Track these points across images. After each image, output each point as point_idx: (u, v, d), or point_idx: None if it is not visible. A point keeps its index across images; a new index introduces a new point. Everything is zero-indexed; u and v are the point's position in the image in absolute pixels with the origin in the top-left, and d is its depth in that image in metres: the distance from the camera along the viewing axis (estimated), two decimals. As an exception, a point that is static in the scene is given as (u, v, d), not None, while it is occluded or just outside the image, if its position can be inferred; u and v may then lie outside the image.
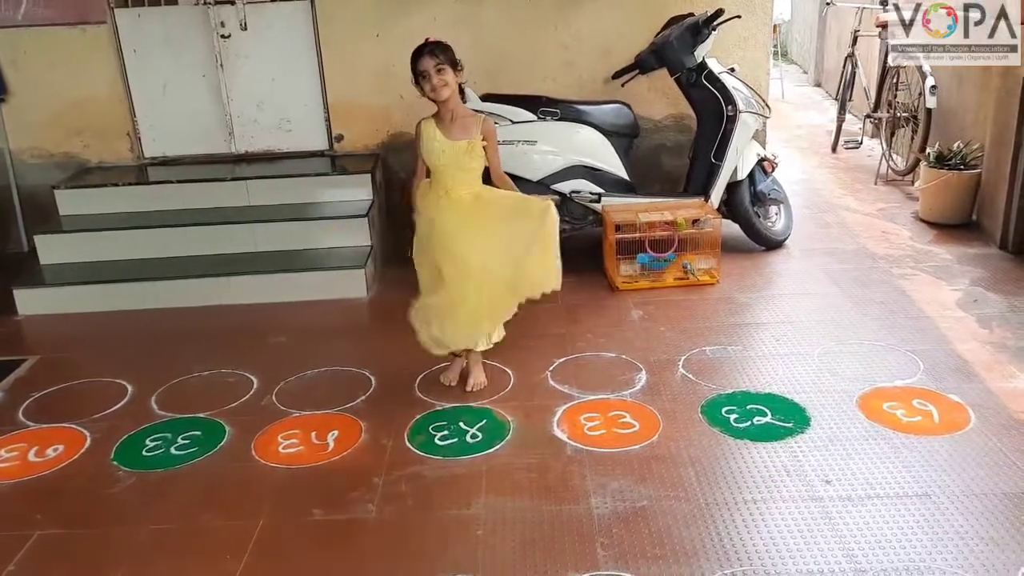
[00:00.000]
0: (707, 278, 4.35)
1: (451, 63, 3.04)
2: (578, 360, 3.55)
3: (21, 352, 3.89)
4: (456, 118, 3.13)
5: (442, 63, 3.02)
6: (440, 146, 3.10)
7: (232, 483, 2.79)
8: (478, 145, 3.11)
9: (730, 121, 4.54)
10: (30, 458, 2.96)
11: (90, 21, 5.03)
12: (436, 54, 3.02)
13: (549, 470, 2.77)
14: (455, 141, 3.09)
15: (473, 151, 3.10)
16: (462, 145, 3.09)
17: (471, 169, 3.14)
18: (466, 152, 3.09)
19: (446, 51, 3.05)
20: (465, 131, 3.11)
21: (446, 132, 3.11)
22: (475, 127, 3.12)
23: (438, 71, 3.02)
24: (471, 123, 3.13)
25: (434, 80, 3.03)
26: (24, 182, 5.31)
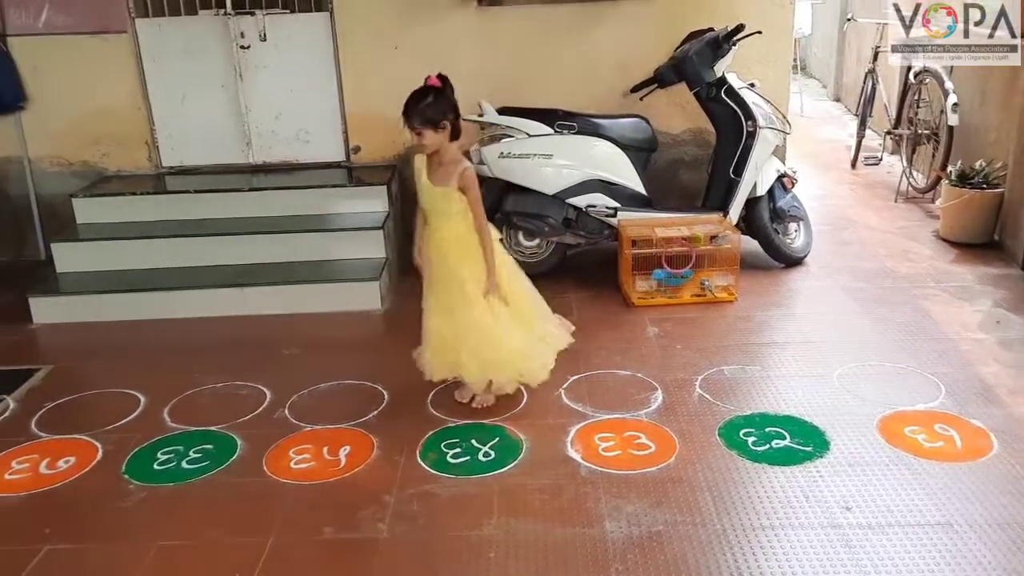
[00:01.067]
0: (725, 295, 4.30)
1: (428, 124, 3.05)
2: (593, 377, 3.52)
3: (35, 361, 3.89)
4: (443, 163, 3.14)
5: (417, 127, 3.06)
6: (425, 187, 3.16)
7: (243, 499, 2.77)
8: (455, 194, 3.12)
9: (750, 136, 4.50)
10: (41, 470, 2.96)
11: (111, 30, 5.05)
12: (412, 119, 3.05)
13: (563, 491, 2.73)
14: (435, 186, 3.13)
15: (449, 199, 3.12)
16: (438, 192, 3.12)
17: (451, 213, 3.15)
18: (442, 198, 3.13)
19: (423, 113, 3.05)
20: (446, 178, 3.12)
21: (431, 175, 3.15)
22: (455, 176, 3.11)
23: (416, 134, 3.08)
24: (452, 171, 3.13)
25: (414, 140, 3.11)
26: (42, 190, 5.33)
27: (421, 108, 3.06)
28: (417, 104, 3.05)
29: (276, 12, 5.07)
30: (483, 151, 4.56)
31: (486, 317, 3.17)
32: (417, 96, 3.08)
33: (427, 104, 3.05)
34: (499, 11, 5.07)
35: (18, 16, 5.00)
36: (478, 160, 4.58)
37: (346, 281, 4.43)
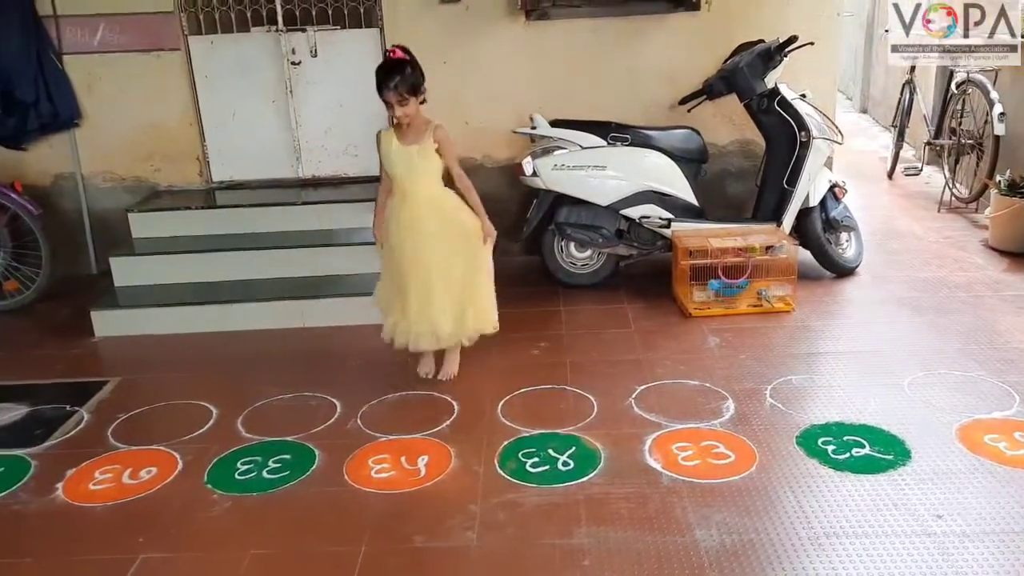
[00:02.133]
0: (782, 305, 4.30)
1: (413, 91, 3.19)
2: (661, 387, 3.52)
3: (102, 374, 3.93)
4: (412, 127, 3.29)
5: (404, 95, 3.16)
6: (395, 152, 3.29)
7: (329, 508, 2.78)
8: (429, 148, 3.27)
9: (803, 147, 4.52)
10: (125, 480, 2.98)
11: (164, 48, 5.13)
12: (397, 88, 3.14)
13: (648, 500, 2.73)
14: (408, 146, 3.27)
15: (423, 153, 3.27)
16: (412, 149, 3.27)
17: (425, 171, 3.30)
18: (417, 155, 3.26)
19: (407, 81, 3.16)
20: (418, 136, 3.28)
21: (401, 138, 3.29)
22: (428, 133, 3.28)
23: (401, 103, 3.18)
24: (424, 129, 3.30)
25: (397, 112, 3.21)
26: (95, 205, 5.40)
27: (406, 76, 3.17)
28: (400, 74, 3.15)
29: (327, 28, 5.13)
30: (536, 163, 4.59)
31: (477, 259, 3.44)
32: (394, 67, 3.17)
33: (410, 72, 3.17)
34: (547, 25, 5.12)
35: (74, 35, 5.08)
36: (531, 172, 4.62)
37: (402, 293, 4.44)
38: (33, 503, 2.87)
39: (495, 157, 5.36)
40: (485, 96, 5.22)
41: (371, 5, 5.10)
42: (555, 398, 3.48)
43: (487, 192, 5.33)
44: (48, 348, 4.29)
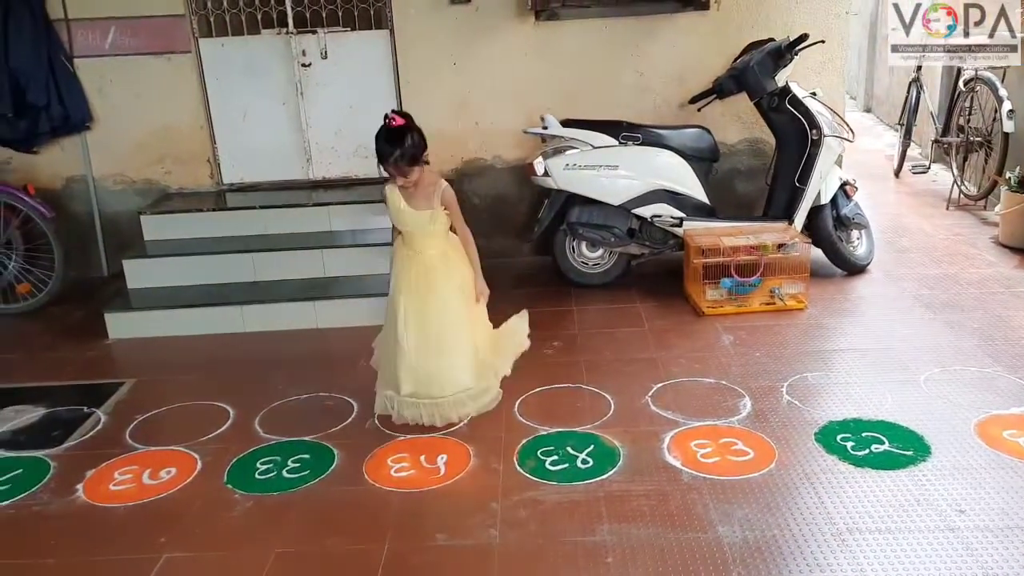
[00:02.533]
0: (794, 303, 4.30)
1: (415, 161, 3.12)
2: (677, 385, 3.52)
3: (117, 375, 3.94)
4: (419, 187, 3.21)
5: (407, 167, 3.11)
6: (405, 215, 3.22)
7: (350, 507, 2.79)
8: (440, 213, 3.24)
9: (814, 145, 4.52)
10: (145, 481, 2.98)
11: (175, 51, 5.14)
12: (400, 161, 3.08)
13: (668, 497, 2.73)
14: (418, 211, 3.21)
15: (435, 219, 3.24)
16: (425, 215, 3.21)
17: (435, 233, 3.27)
18: (429, 221, 3.22)
19: (407, 152, 3.07)
20: (427, 200, 3.22)
21: (410, 200, 3.23)
22: (436, 195, 3.22)
23: (405, 175, 3.13)
24: (432, 192, 3.23)
25: (401, 181, 3.16)
26: (105, 208, 5.41)
27: (407, 149, 3.09)
28: (402, 146, 3.08)
29: (337, 30, 5.14)
30: (548, 163, 4.60)
31: (462, 317, 3.29)
32: (395, 138, 3.08)
33: (411, 144, 3.10)
34: (556, 25, 5.12)
35: (85, 38, 5.09)
36: (542, 172, 4.62)
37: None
38: (54, 504, 2.87)
39: (505, 157, 5.36)
40: (495, 96, 5.23)
41: (381, 7, 5.11)
42: (571, 397, 3.49)
43: (497, 193, 5.39)
44: (62, 350, 4.29)
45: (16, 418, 3.52)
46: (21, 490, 2.96)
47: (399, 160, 3.08)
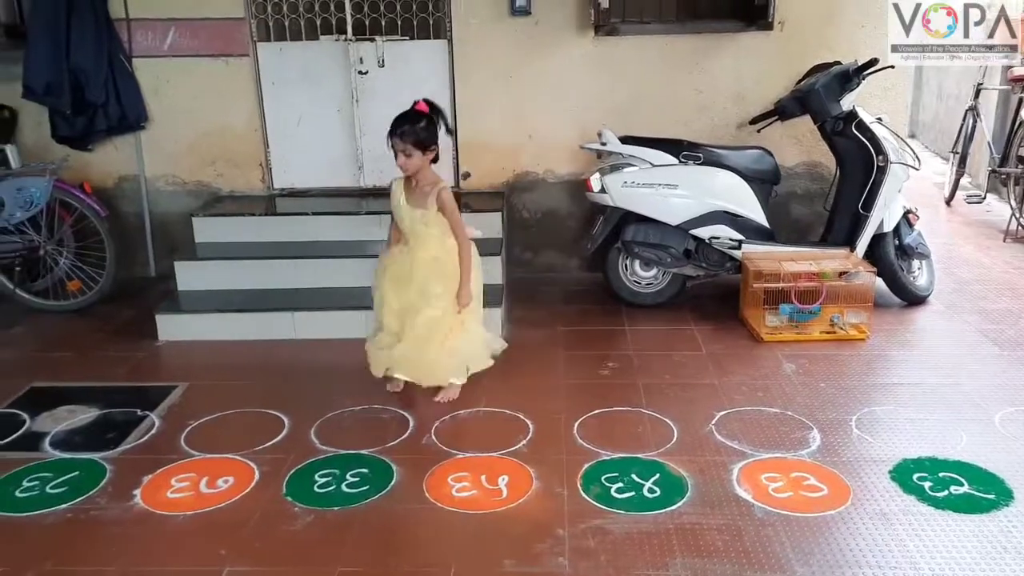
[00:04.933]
0: (856, 333, 4.20)
1: (419, 146, 3.17)
2: (741, 414, 3.43)
3: (169, 378, 3.90)
4: (419, 186, 3.27)
5: (408, 147, 3.15)
6: (404, 211, 3.31)
7: (413, 526, 2.72)
8: (433, 215, 3.25)
9: (880, 172, 4.42)
10: (202, 489, 2.93)
11: (233, 54, 5.14)
12: (404, 137, 3.14)
13: (742, 533, 2.64)
14: (414, 208, 3.28)
15: (427, 219, 3.26)
16: (417, 213, 3.29)
17: (429, 236, 3.30)
18: (421, 220, 3.26)
19: (417, 134, 3.16)
20: (424, 199, 3.27)
21: (409, 197, 3.28)
22: (432, 196, 3.24)
23: (405, 155, 3.16)
24: (429, 191, 3.26)
25: (399, 160, 3.20)
26: (155, 208, 5.41)
27: (416, 128, 3.16)
28: (413, 124, 3.14)
29: (395, 39, 5.12)
30: (605, 179, 4.54)
31: (442, 322, 3.39)
32: (408, 117, 3.16)
33: (422, 126, 3.15)
34: (616, 41, 5.07)
35: (144, 38, 5.11)
36: (599, 188, 4.56)
37: (467, 307, 4.38)
38: (112, 509, 2.83)
39: (557, 172, 5.31)
40: (550, 110, 5.18)
41: (440, 17, 5.08)
42: (631, 421, 3.40)
43: (548, 207, 5.34)
44: (112, 350, 4.27)
45: (70, 418, 3.50)
46: (78, 493, 2.92)
47: (403, 135, 3.14)
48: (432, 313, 3.38)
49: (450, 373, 3.52)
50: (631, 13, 5.09)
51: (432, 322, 3.39)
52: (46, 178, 4.57)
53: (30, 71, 4.84)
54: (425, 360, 3.45)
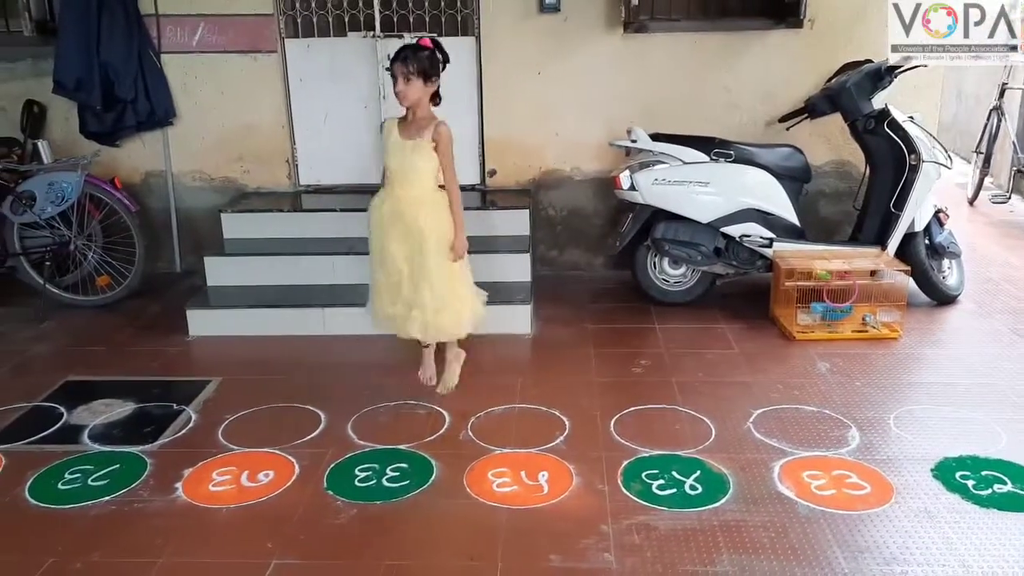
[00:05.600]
0: (888, 332, 4.18)
1: (422, 74, 3.08)
2: (779, 412, 3.42)
3: (202, 373, 3.91)
4: (415, 120, 3.19)
5: (411, 72, 3.07)
6: (394, 143, 3.19)
7: (456, 520, 2.73)
8: (425, 146, 3.15)
9: (912, 170, 4.40)
10: (244, 482, 2.94)
11: (261, 50, 5.15)
12: (408, 62, 3.05)
13: (787, 530, 2.63)
14: (405, 139, 3.17)
15: (419, 150, 3.15)
16: (409, 143, 3.16)
17: (418, 169, 3.18)
18: (412, 150, 3.14)
19: (421, 60, 3.08)
20: (418, 131, 3.18)
21: (402, 131, 3.20)
22: (428, 129, 3.17)
23: (405, 79, 3.07)
24: (426, 125, 3.19)
25: (399, 86, 3.09)
26: (181, 204, 5.43)
27: (421, 56, 3.08)
28: (417, 52, 3.07)
29: (425, 34, 5.09)
30: (635, 177, 4.53)
31: (443, 269, 3.29)
32: (413, 47, 3.09)
33: (427, 55, 3.09)
34: (645, 38, 5.06)
35: (173, 34, 5.12)
36: (628, 185, 4.55)
37: (497, 304, 4.36)
38: (155, 502, 2.84)
39: (584, 169, 5.30)
40: (577, 108, 5.18)
41: (469, 14, 5.08)
42: (669, 418, 3.40)
43: (574, 205, 5.33)
44: (144, 345, 4.29)
45: (107, 411, 3.51)
46: (120, 486, 2.93)
47: (407, 60, 3.06)
48: (436, 259, 3.28)
49: (466, 322, 3.45)
50: (660, 11, 5.08)
51: (441, 269, 3.30)
52: (78, 173, 4.59)
53: (61, 67, 4.86)
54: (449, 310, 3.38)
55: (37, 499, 2.87)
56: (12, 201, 4.61)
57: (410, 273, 3.33)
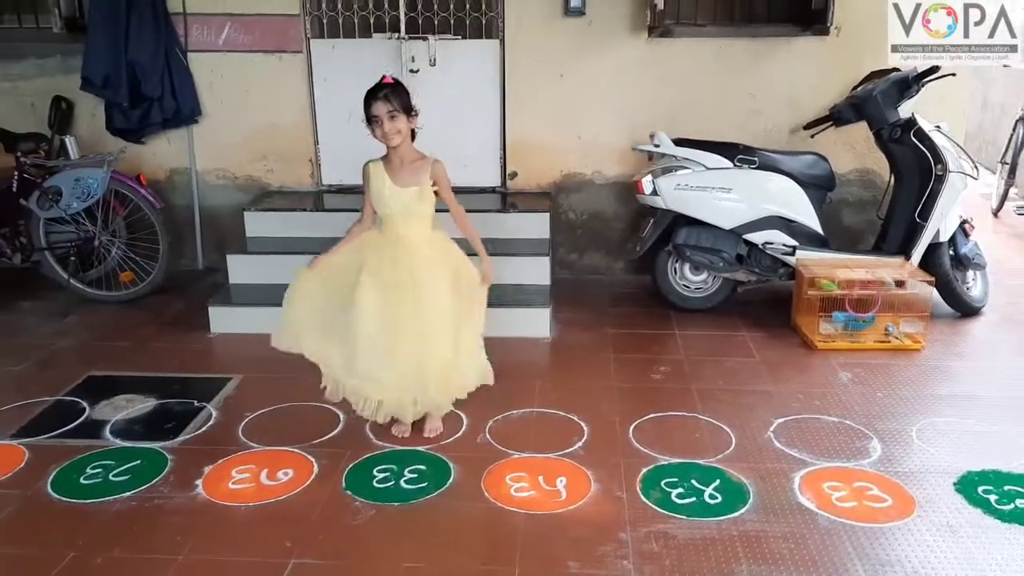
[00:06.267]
0: (911, 343, 4.14)
1: (404, 109, 2.97)
2: (799, 422, 3.39)
3: (223, 370, 3.94)
4: (405, 163, 3.05)
5: (395, 109, 2.94)
6: (389, 193, 3.00)
7: (473, 524, 2.73)
8: (428, 190, 3.03)
9: (938, 180, 4.36)
10: (263, 481, 2.96)
11: (287, 50, 5.18)
12: (390, 99, 2.93)
13: (806, 542, 2.61)
14: (405, 188, 3.00)
15: (423, 196, 3.03)
16: (412, 192, 3.00)
17: (423, 215, 3.06)
18: (417, 198, 3.01)
19: (401, 96, 2.97)
20: (415, 176, 3.03)
21: (395, 177, 3.02)
22: (425, 171, 3.03)
23: (391, 117, 2.95)
24: (420, 167, 3.04)
25: (385, 127, 2.95)
26: (204, 202, 5.46)
27: (399, 91, 2.97)
28: (394, 88, 2.95)
29: (448, 38, 5.13)
30: (657, 182, 4.51)
31: (449, 315, 3.08)
32: (383, 85, 2.96)
33: (402, 90, 2.97)
34: (669, 43, 5.05)
35: (200, 32, 5.16)
36: (651, 190, 4.53)
37: (516, 307, 4.38)
38: (175, 498, 2.86)
39: (605, 173, 5.30)
40: (600, 111, 5.17)
41: (493, 17, 5.08)
42: (688, 426, 3.38)
43: (594, 209, 5.32)
44: (166, 341, 4.33)
45: (128, 407, 3.54)
46: (141, 482, 2.95)
47: (386, 98, 2.91)
48: (444, 305, 3.07)
49: (473, 377, 3.25)
50: (685, 15, 5.07)
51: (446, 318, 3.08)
52: (104, 169, 4.63)
53: (89, 64, 4.91)
54: (456, 373, 3.18)
55: (59, 493, 2.89)
56: (39, 196, 4.66)
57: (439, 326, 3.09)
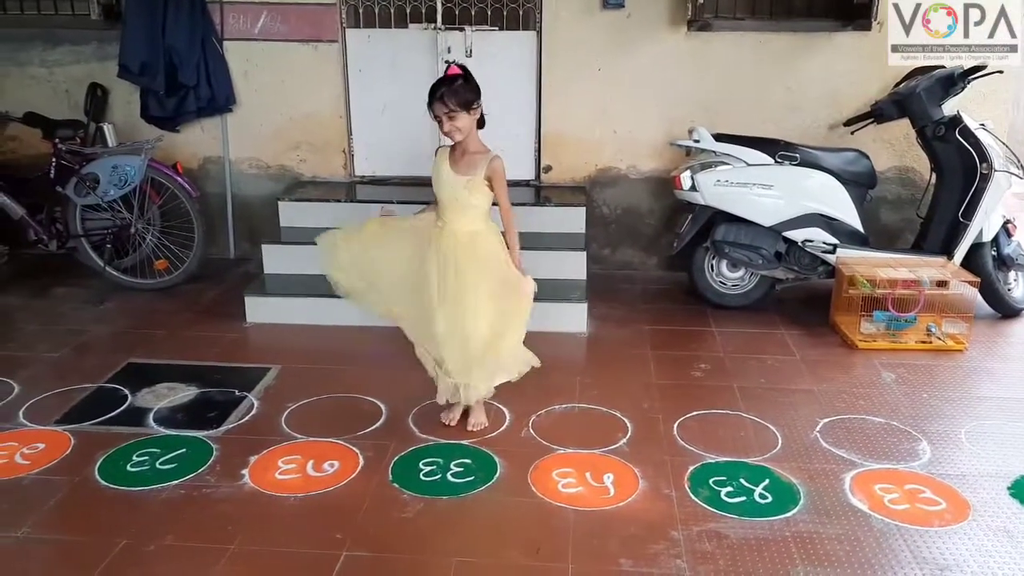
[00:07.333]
0: (953, 343, 4.09)
1: (464, 106, 2.96)
2: (846, 423, 3.36)
3: (261, 360, 3.93)
4: (466, 154, 3.05)
5: (453, 110, 2.95)
6: (445, 177, 3.04)
7: (523, 520, 2.71)
8: (480, 183, 3.02)
9: (983, 179, 4.30)
10: (309, 472, 2.95)
11: (322, 39, 5.16)
12: (446, 101, 2.94)
13: (862, 544, 2.58)
14: (459, 176, 3.02)
15: (473, 187, 3.02)
16: (462, 181, 3.01)
17: (472, 206, 3.05)
18: (465, 187, 3.01)
19: (458, 94, 2.95)
20: (471, 167, 3.03)
21: (455, 165, 3.05)
22: (482, 165, 3.03)
23: (449, 117, 2.96)
24: (479, 160, 3.04)
25: (445, 126, 2.98)
26: (237, 191, 5.46)
27: (456, 88, 2.96)
28: (451, 85, 2.95)
29: (484, 29, 5.09)
30: (696, 177, 4.47)
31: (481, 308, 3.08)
32: (444, 80, 2.98)
33: (460, 85, 2.96)
34: (708, 37, 4.99)
35: (236, 21, 5.15)
36: (689, 186, 4.49)
37: (553, 301, 4.35)
38: (223, 488, 2.85)
39: (640, 168, 5.26)
40: (636, 105, 5.13)
41: (531, 8, 5.04)
42: (733, 424, 3.35)
43: (629, 204, 5.29)
44: (202, 330, 4.33)
45: (170, 395, 3.54)
46: (188, 471, 2.95)
47: (445, 96, 2.93)
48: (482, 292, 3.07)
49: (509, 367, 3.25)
50: (725, 9, 5.01)
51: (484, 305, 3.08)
52: (141, 157, 4.63)
53: (126, 51, 4.91)
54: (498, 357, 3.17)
55: (107, 480, 2.90)
56: (76, 183, 4.66)
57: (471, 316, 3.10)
